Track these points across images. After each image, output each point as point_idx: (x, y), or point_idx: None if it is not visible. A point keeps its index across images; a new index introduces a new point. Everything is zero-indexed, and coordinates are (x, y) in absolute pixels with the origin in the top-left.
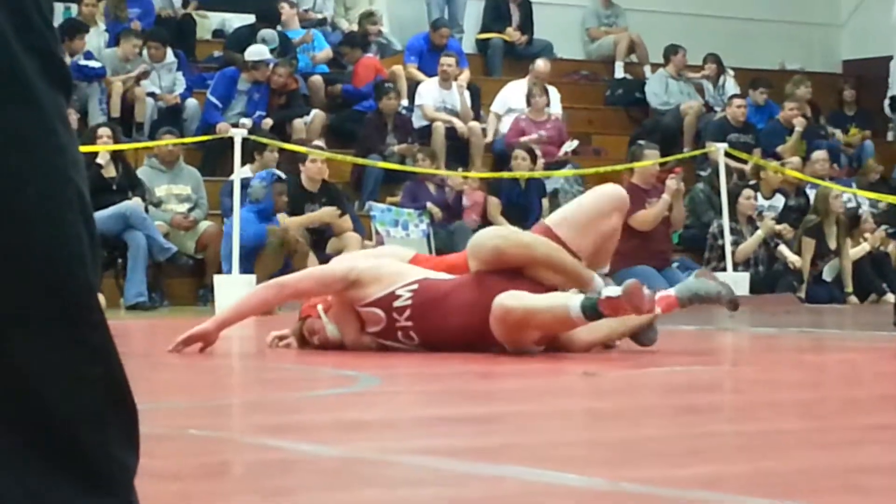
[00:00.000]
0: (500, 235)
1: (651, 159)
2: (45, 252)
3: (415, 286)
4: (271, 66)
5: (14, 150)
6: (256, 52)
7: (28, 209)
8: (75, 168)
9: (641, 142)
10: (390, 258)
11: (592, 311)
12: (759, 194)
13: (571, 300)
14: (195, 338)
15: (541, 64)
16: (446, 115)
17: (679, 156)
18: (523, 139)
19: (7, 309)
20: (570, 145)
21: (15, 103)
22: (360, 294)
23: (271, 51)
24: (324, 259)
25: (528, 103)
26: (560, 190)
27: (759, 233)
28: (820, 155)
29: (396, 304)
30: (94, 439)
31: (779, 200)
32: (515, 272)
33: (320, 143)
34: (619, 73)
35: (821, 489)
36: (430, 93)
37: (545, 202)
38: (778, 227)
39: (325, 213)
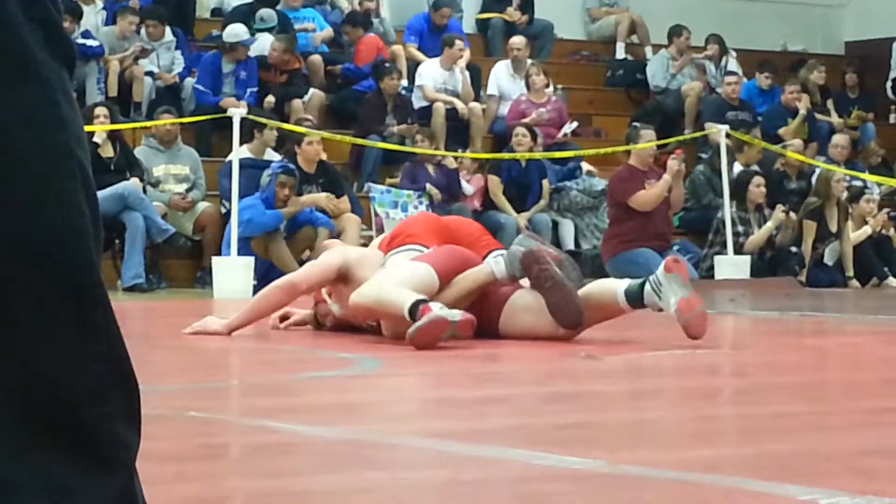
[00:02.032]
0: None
1: (646, 140)
2: (48, 227)
3: None
4: (252, 45)
5: (17, 125)
6: (233, 32)
7: (30, 184)
8: (77, 142)
9: (636, 124)
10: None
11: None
12: (735, 163)
13: (408, 301)
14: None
15: (516, 41)
16: (447, 95)
17: (678, 138)
18: (525, 120)
19: (9, 284)
20: (570, 127)
21: (18, 78)
22: (351, 284)
23: (269, 30)
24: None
25: (527, 85)
26: (570, 197)
27: (770, 224)
28: (839, 140)
29: (370, 320)
30: (97, 416)
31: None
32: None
33: (308, 122)
34: (620, 53)
35: (823, 472)
36: (430, 73)
37: (545, 184)
38: (790, 218)
39: (319, 199)
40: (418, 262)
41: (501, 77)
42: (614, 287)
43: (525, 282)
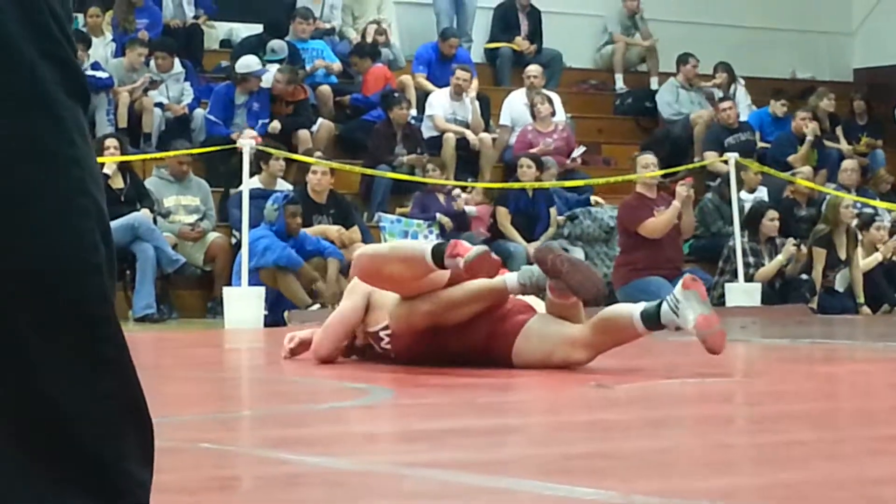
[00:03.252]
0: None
1: (643, 164)
2: (62, 262)
3: (388, 331)
4: (264, 76)
5: (33, 159)
6: (245, 63)
7: (45, 219)
8: (93, 180)
9: (636, 153)
10: None
11: (439, 257)
12: (742, 190)
13: (427, 251)
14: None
15: (531, 69)
16: (457, 126)
17: (686, 167)
18: (532, 151)
19: (23, 318)
20: (578, 151)
21: (35, 113)
22: (367, 321)
23: (280, 61)
24: None
25: (533, 115)
26: (582, 227)
27: (780, 257)
28: (849, 164)
29: (382, 344)
30: (109, 453)
31: (762, 192)
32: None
33: (319, 153)
34: (620, 83)
35: (836, 500)
36: (440, 103)
37: (553, 212)
38: (801, 252)
39: (329, 231)
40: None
41: (516, 106)
42: (630, 310)
43: (537, 304)
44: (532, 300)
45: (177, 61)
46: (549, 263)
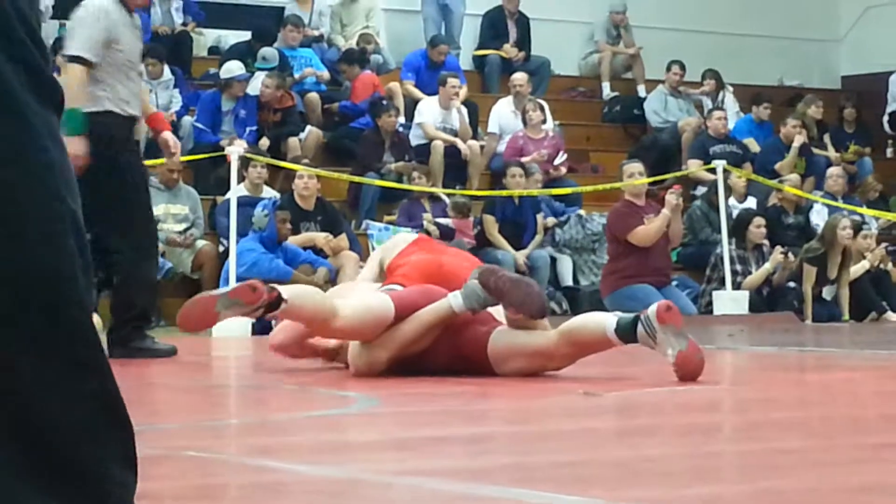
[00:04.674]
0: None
1: (629, 172)
2: (37, 267)
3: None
4: (252, 83)
5: (4, 164)
6: (227, 69)
7: (19, 223)
8: (66, 187)
9: (623, 161)
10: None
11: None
12: (731, 198)
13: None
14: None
15: (517, 77)
16: (446, 134)
17: (674, 174)
18: (524, 159)
19: None
20: (560, 158)
21: (2, 117)
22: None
23: (271, 69)
24: None
25: (524, 121)
26: (570, 234)
27: (767, 265)
28: (834, 171)
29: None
30: (90, 456)
31: (751, 202)
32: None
33: (306, 160)
34: (607, 90)
35: None
36: (430, 111)
37: (539, 219)
38: (788, 260)
39: (317, 238)
40: (377, 293)
41: (503, 114)
42: (604, 320)
43: (496, 313)
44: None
45: (166, 68)
46: (491, 285)
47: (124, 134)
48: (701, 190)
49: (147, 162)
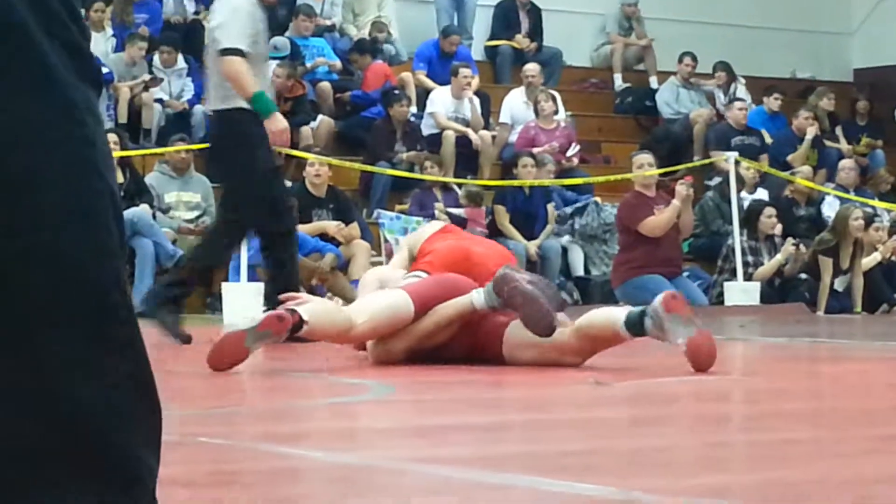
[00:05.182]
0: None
1: (638, 164)
2: (76, 245)
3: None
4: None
5: (44, 139)
6: None
7: (59, 201)
8: (105, 163)
9: (633, 153)
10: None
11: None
12: (743, 190)
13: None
14: None
15: (529, 68)
16: (458, 124)
17: (686, 165)
18: (536, 150)
19: (35, 304)
20: (573, 150)
21: (44, 93)
22: None
23: (282, 58)
24: None
25: (536, 111)
26: (582, 224)
27: (779, 257)
28: (846, 163)
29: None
30: (123, 439)
31: (762, 193)
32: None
33: (317, 149)
34: (619, 82)
35: (833, 499)
36: (442, 101)
37: (550, 209)
38: (800, 251)
39: (328, 227)
40: (396, 290)
41: (515, 104)
42: (615, 316)
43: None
44: None
45: (180, 56)
46: (504, 296)
47: (259, 130)
48: (716, 180)
49: (158, 150)
